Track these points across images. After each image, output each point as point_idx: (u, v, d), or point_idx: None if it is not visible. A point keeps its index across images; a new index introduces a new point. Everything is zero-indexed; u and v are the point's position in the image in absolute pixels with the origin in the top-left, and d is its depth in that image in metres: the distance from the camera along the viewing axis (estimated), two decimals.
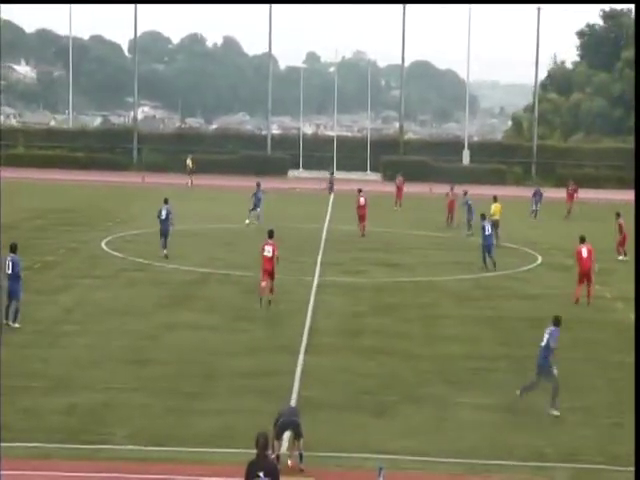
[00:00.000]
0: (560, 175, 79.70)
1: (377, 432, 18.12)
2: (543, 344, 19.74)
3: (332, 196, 47.35)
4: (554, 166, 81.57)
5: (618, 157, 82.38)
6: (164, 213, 37.41)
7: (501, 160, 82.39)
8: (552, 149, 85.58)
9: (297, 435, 16.27)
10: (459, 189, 51.25)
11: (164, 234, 37.01)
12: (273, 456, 15.05)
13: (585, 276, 30.94)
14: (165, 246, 36.81)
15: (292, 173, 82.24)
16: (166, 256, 36.39)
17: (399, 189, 60.97)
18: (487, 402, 20.16)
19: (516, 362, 23.41)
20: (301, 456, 16.18)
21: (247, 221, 47.16)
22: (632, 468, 16.67)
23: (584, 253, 30.95)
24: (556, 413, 19.30)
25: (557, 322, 20.12)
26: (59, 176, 72.40)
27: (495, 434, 18.23)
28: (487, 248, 36.48)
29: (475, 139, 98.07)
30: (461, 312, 29.28)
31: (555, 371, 19.53)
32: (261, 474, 12.69)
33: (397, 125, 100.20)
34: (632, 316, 29.12)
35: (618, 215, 40.53)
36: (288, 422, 16.30)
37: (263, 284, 28.95)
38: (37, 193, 60.74)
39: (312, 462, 16.34)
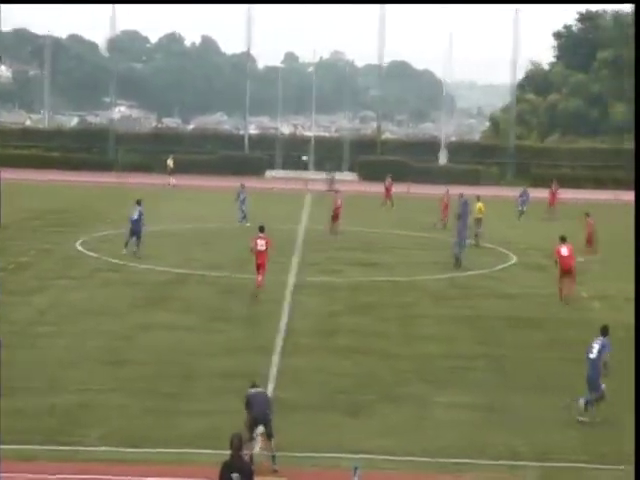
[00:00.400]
0: (537, 175, 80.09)
1: (353, 432, 18.07)
2: (593, 356, 19.00)
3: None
4: (531, 166, 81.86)
5: (594, 157, 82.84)
6: (136, 214, 37.59)
7: (478, 160, 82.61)
8: (529, 149, 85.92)
9: (269, 435, 16.16)
10: (441, 190, 51.30)
11: (135, 234, 37.17)
12: (247, 456, 14.97)
13: (566, 275, 31.10)
14: (137, 245, 36.95)
15: (270, 173, 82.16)
16: (135, 254, 36.41)
17: (387, 190, 61.30)
18: (465, 401, 20.16)
19: (494, 361, 23.46)
20: (274, 457, 16.09)
21: (248, 224, 46.29)
22: (609, 466, 16.75)
23: (564, 252, 31.11)
24: (587, 420, 18.87)
25: (605, 332, 19.30)
26: (35, 176, 71.99)
27: (472, 433, 18.22)
28: (458, 244, 36.83)
29: (452, 139, 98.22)
30: (438, 311, 29.28)
31: (603, 386, 18.99)
32: (235, 475, 12.62)
33: (374, 125, 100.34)
34: (609, 315, 29.23)
35: (587, 215, 40.77)
36: (261, 417, 16.11)
37: (259, 278, 29.76)
38: (13, 194, 60.34)
39: (287, 462, 16.27)
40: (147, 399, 19.55)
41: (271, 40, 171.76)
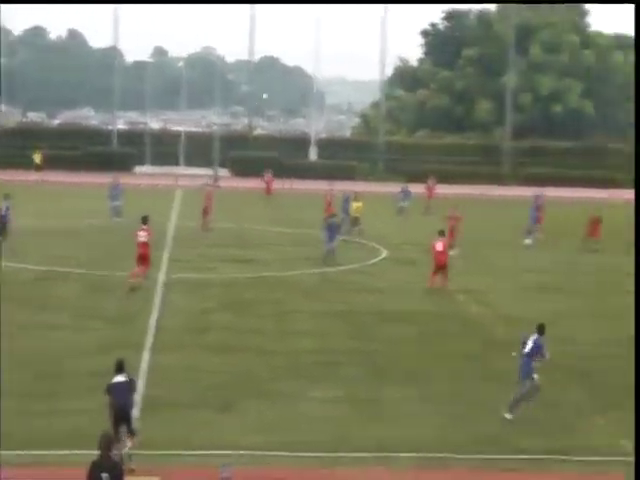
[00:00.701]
0: (406, 171, 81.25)
1: (225, 428, 18.03)
2: (526, 351, 19.11)
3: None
4: (401, 162, 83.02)
5: (461, 153, 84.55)
6: (3, 209, 36.75)
7: (349, 156, 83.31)
8: (399, 145, 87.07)
9: (130, 432, 15.88)
10: (308, 184, 51.61)
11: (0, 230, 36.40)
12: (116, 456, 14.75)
13: (439, 269, 31.85)
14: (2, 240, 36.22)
15: (139, 169, 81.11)
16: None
17: (268, 185, 62.92)
18: (337, 395, 20.33)
19: (366, 355, 23.73)
20: (130, 456, 15.73)
21: (119, 219, 45.95)
22: (474, 456, 17.14)
23: (438, 247, 32.02)
24: (509, 417, 19.02)
25: (541, 331, 19.48)
26: None
27: (344, 427, 18.38)
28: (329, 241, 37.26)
29: (323, 135, 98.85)
30: (312, 307, 29.44)
31: (536, 377, 19.10)
32: (105, 475, 12.43)
33: (246, 121, 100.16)
34: (474, 309, 29.94)
35: (453, 209, 41.73)
36: (119, 410, 15.78)
37: (137, 270, 30.02)
38: None
39: (158, 461, 16.13)
40: (15, 400, 19.05)
41: (140, 34, 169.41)
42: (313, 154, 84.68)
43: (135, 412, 17.25)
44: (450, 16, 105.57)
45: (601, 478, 16.48)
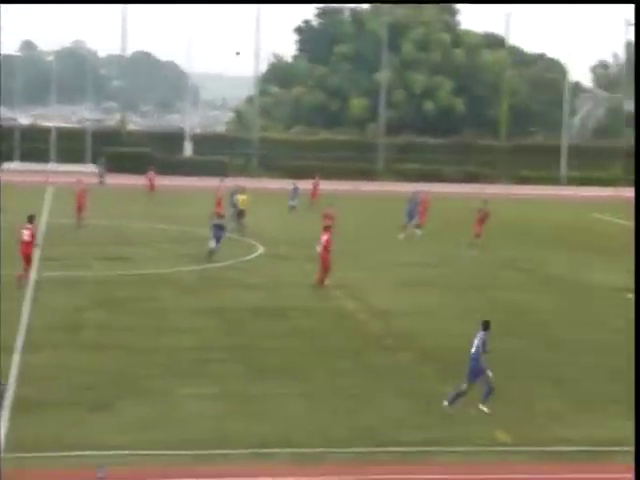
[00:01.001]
0: (282, 167, 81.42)
1: (99, 428, 17.70)
2: (474, 350, 19.35)
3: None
4: (276, 158, 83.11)
5: (335, 149, 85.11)
6: None
7: (224, 152, 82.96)
8: (274, 141, 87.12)
9: None
10: (184, 181, 51.12)
11: None
12: None
13: (322, 264, 32.24)
14: None
15: (7, 166, 79.04)
16: None
17: (151, 182, 62.65)
18: (213, 392, 20.20)
19: (242, 351, 23.65)
20: None
21: None
22: (352, 449, 17.25)
23: (320, 245, 32.31)
24: (487, 410, 19.21)
25: (486, 326, 19.73)
26: None
27: (220, 423, 18.26)
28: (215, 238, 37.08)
29: (197, 131, 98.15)
30: (187, 304, 29.19)
31: (490, 373, 19.33)
32: None
33: (118, 116, 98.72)
34: (349, 304, 30.14)
35: (329, 206, 42.06)
36: None
37: (23, 271, 29.88)
38: None
39: (32, 463, 15.71)
40: None
41: (7, 28, 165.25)
42: (188, 150, 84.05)
43: (4, 414, 16.81)
44: (323, 13, 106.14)
45: (477, 468, 16.78)
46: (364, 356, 23.74)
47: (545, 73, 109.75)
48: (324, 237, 32.63)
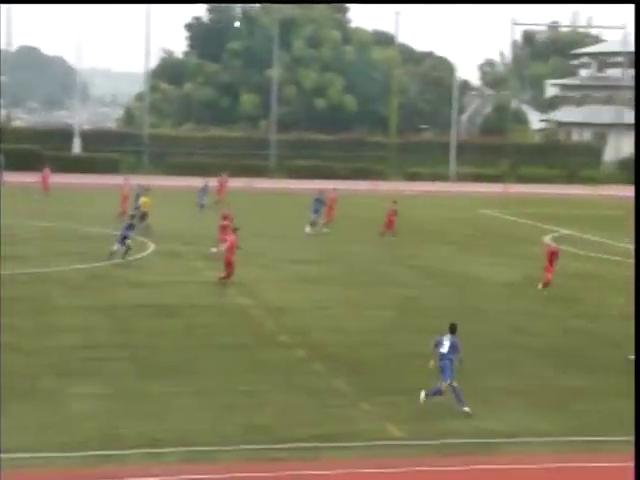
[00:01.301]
0: (172, 163, 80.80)
1: None
2: (444, 351, 19.43)
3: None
4: (166, 155, 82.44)
5: (227, 145, 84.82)
6: None
7: (114, 149, 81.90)
8: (164, 138, 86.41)
9: None
10: (74, 178, 50.29)
11: None
12: None
13: (226, 265, 32.18)
14: None
15: None
16: None
17: (44, 180, 60.49)
18: (103, 392, 19.91)
19: (134, 350, 23.38)
20: None
21: None
22: (244, 446, 17.22)
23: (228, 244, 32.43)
24: (468, 410, 19.30)
25: (453, 330, 19.81)
26: None
27: (112, 423, 18.01)
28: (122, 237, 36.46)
29: (86, 127, 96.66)
30: (77, 302, 28.74)
31: (449, 380, 19.37)
32: None
33: (3, 112, 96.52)
34: (242, 300, 30.10)
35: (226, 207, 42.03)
36: None
37: None
38: None
39: None
40: None
41: None
42: (77, 147, 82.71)
43: None
44: (214, 9, 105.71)
45: (370, 462, 16.93)
46: (258, 353, 23.74)
47: (434, 71, 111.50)
48: (230, 238, 32.54)
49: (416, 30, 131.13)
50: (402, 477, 16.47)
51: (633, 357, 23.27)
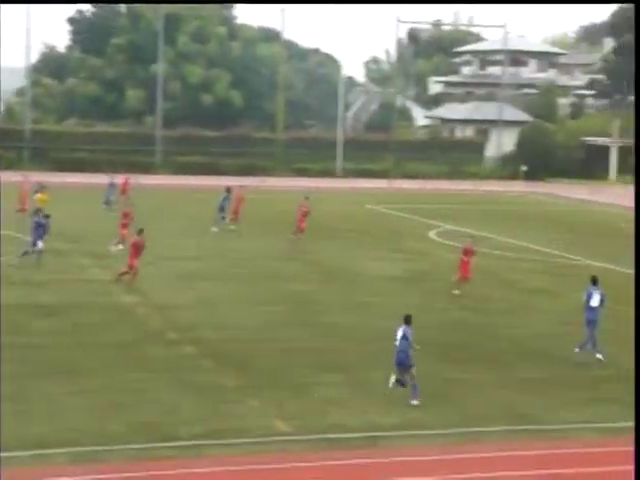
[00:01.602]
0: (56, 159, 79.33)
1: None
2: (398, 343, 19.72)
3: None
4: (49, 150, 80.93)
5: (112, 141, 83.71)
6: None
7: None
8: (46, 133, 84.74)
9: None
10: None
11: None
12: None
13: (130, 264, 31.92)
14: None
15: None
16: None
17: None
18: None
19: (20, 351, 22.97)
20: None
21: None
22: (130, 446, 17.07)
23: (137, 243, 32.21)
24: (417, 403, 19.67)
25: (408, 321, 20.13)
26: None
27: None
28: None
29: None
30: None
31: (414, 371, 19.78)
32: None
33: None
34: (128, 299, 29.78)
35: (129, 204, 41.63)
36: None
37: None
38: None
39: None
40: None
41: None
42: None
43: None
44: (97, 4, 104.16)
45: (256, 459, 16.97)
46: (144, 350, 23.55)
47: (320, 68, 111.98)
48: (132, 240, 32.26)
49: (302, 26, 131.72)
50: (289, 472, 16.56)
51: (601, 356, 23.89)
